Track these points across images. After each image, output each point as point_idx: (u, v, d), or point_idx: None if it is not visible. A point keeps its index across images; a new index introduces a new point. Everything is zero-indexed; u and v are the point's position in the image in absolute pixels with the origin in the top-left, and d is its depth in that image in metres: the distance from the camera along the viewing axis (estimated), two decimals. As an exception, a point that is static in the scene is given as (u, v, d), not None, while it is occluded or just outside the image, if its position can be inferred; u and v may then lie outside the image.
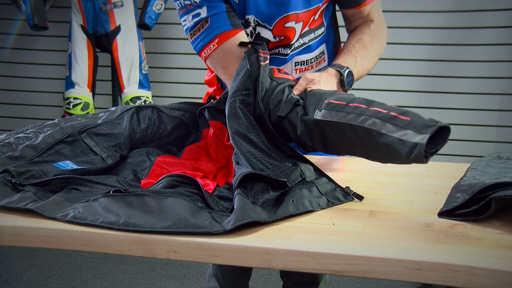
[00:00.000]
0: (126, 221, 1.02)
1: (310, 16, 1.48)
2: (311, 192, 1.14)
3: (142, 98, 3.16)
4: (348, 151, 1.22)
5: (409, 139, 1.04)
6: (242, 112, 1.27)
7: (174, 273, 2.86)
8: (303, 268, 0.95)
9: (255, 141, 1.23)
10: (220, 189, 1.22)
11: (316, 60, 1.56)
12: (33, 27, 3.10)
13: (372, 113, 1.12)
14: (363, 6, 1.53)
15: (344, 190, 1.16)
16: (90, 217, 1.05)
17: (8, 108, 3.84)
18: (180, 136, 1.45)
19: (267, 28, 1.45)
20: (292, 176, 1.17)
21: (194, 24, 1.41)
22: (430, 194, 1.19)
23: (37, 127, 1.39)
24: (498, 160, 1.28)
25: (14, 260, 2.98)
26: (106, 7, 3.10)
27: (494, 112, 3.23)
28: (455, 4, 3.15)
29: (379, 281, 2.75)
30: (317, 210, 1.10)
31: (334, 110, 1.18)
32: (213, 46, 1.40)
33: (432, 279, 0.89)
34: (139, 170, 1.32)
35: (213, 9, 1.39)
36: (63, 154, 1.30)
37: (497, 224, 1.02)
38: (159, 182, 1.18)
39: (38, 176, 1.20)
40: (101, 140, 1.35)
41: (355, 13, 1.55)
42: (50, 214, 1.07)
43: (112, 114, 1.42)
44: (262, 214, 1.05)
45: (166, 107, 1.46)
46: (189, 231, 0.99)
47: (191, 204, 1.06)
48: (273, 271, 2.76)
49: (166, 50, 3.56)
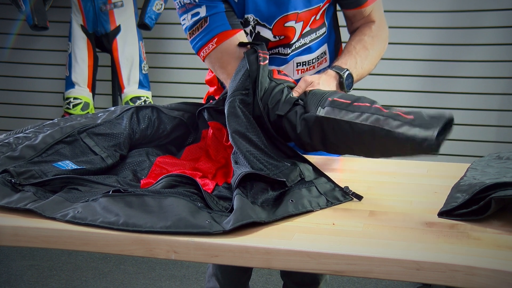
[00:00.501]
0: (125, 221, 1.02)
1: (311, 15, 1.48)
2: (310, 192, 1.14)
3: (142, 98, 3.16)
4: (348, 150, 1.22)
5: (416, 134, 1.06)
6: (242, 111, 1.27)
7: (174, 273, 2.86)
8: (303, 268, 0.95)
9: (254, 141, 1.23)
10: (220, 189, 1.22)
11: (318, 61, 1.56)
12: (33, 27, 3.10)
13: (375, 110, 1.14)
14: (364, 6, 1.53)
15: (343, 190, 1.16)
16: (90, 217, 1.04)
17: (8, 108, 3.84)
18: (180, 136, 1.45)
19: (267, 28, 1.45)
20: (291, 176, 1.17)
21: (193, 23, 1.41)
22: (430, 194, 1.19)
23: (37, 127, 1.39)
24: (498, 160, 1.28)
25: (14, 260, 2.98)
26: (106, 7, 3.10)
27: (494, 112, 3.23)
28: (454, 4, 3.15)
29: (379, 281, 2.75)
30: (317, 210, 1.10)
31: (338, 108, 1.19)
32: (211, 46, 1.40)
33: (432, 279, 0.89)
34: (138, 170, 1.32)
35: (212, 8, 1.39)
36: (62, 154, 1.30)
37: (497, 224, 1.02)
38: (158, 182, 1.18)
39: (37, 176, 1.20)
40: (101, 140, 1.35)
41: (356, 14, 1.55)
42: (49, 214, 1.07)
43: (111, 114, 1.42)
44: (262, 214, 1.05)
45: (165, 107, 1.46)
46: (188, 231, 0.99)
47: (190, 204, 1.06)
48: (273, 271, 2.76)
49: (166, 50, 3.56)
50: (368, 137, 1.14)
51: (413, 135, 1.07)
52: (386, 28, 1.58)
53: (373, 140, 1.13)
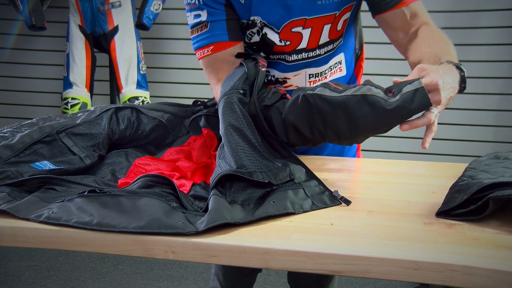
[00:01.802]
0: (99, 221, 1.02)
1: (323, 23, 1.41)
2: (296, 194, 1.13)
3: (140, 98, 3.16)
4: (334, 131, 1.20)
5: (408, 89, 1.12)
6: (239, 108, 1.27)
7: (172, 273, 2.86)
8: (301, 268, 0.95)
9: (248, 137, 1.23)
10: (196, 189, 1.22)
11: (331, 71, 1.50)
12: (30, 27, 3.10)
13: (365, 83, 1.18)
14: (402, 5, 1.36)
15: (332, 194, 1.15)
16: (64, 217, 1.04)
17: (6, 108, 3.83)
18: (158, 136, 1.45)
19: (274, 31, 1.42)
20: (280, 175, 1.17)
21: (195, 24, 1.42)
22: (428, 194, 1.19)
23: (14, 126, 1.38)
24: (496, 160, 1.28)
25: (12, 261, 2.98)
26: (104, 7, 3.09)
27: (492, 112, 3.24)
28: (452, 4, 3.16)
29: (377, 281, 2.75)
30: (299, 213, 1.08)
31: (328, 88, 1.19)
32: (207, 51, 1.41)
33: (430, 279, 0.89)
34: (117, 170, 1.32)
35: (213, 15, 1.39)
36: (41, 154, 1.29)
37: (495, 224, 1.02)
38: (135, 182, 1.18)
39: (13, 176, 1.19)
40: (80, 140, 1.34)
41: (396, 17, 1.38)
42: (23, 215, 1.06)
43: (91, 114, 1.42)
44: (239, 214, 1.04)
45: (145, 107, 1.46)
46: (161, 231, 0.99)
47: (164, 204, 1.06)
48: (271, 272, 2.76)
49: (164, 50, 3.56)
50: (357, 106, 1.15)
51: (406, 91, 1.12)
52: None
53: (361, 108, 1.14)
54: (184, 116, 1.48)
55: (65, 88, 3.17)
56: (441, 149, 3.29)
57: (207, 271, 2.85)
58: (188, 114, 1.49)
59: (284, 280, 2.42)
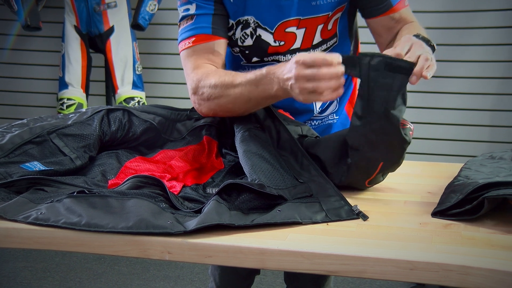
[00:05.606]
0: (88, 222, 1.02)
1: (316, 23, 1.43)
2: (309, 208, 1.09)
3: (136, 99, 3.15)
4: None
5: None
6: (258, 138, 1.26)
7: (168, 273, 2.86)
8: (297, 269, 0.95)
9: (266, 157, 1.20)
10: (186, 190, 1.21)
11: None
12: (25, 27, 3.09)
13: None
14: (393, 12, 1.41)
15: (351, 209, 1.09)
16: (53, 218, 1.04)
17: (1, 109, 3.82)
18: (149, 139, 1.44)
19: (268, 31, 1.43)
20: (297, 189, 1.14)
21: (183, 17, 1.43)
22: (423, 194, 1.19)
23: (4, 127, 1.37)
24: (491, 159, 1.28)
25: (7, 262, 2.97)
26: (100, 7, 3.09)
27: (487, 112, 3.24)
28: (448, 4, 3.16)
29: (373, 281, 2.75)
30: (307, 223, 1.04)
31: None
32: (188, 43, 1.41)
33: (426, 279, 0.89)
34: (108, 170, 1.31)
35: (201, 9, 1.40)
36: (31, 155, 1.28)
37: (490, 223, 1.02)
38: (124, 183, 1.17)
39: (2, 177, 1.18)
40: (71, 140, 1.34)
41: (385, 22, 1.42)
42: (11, 217, 1.06)
43: (82, 115, 1.41)
44: (237, 219, 1.03)
45: (137, 109, 1.46)
46: (150, 231, 0.99)
47: (153, 205, 1.06)
48: (267, 272, 2.76)
49: (159, 51, 3.55)
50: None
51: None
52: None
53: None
54: (176, 120, 1.46)
55: (61, 89, 3.16)
56: (436, 149, 3.30)
57: (203, 271, 2.85)
58: (180, 117, 1.47)
59: (280, 280, 2.43)
